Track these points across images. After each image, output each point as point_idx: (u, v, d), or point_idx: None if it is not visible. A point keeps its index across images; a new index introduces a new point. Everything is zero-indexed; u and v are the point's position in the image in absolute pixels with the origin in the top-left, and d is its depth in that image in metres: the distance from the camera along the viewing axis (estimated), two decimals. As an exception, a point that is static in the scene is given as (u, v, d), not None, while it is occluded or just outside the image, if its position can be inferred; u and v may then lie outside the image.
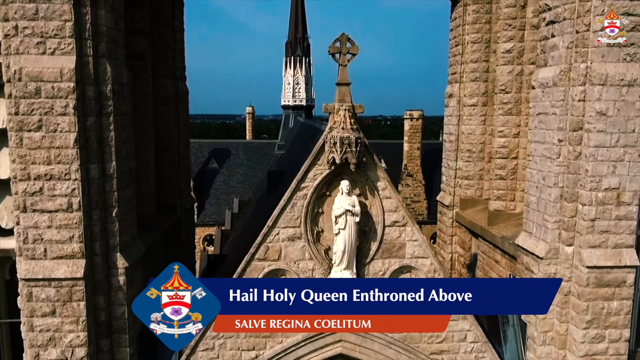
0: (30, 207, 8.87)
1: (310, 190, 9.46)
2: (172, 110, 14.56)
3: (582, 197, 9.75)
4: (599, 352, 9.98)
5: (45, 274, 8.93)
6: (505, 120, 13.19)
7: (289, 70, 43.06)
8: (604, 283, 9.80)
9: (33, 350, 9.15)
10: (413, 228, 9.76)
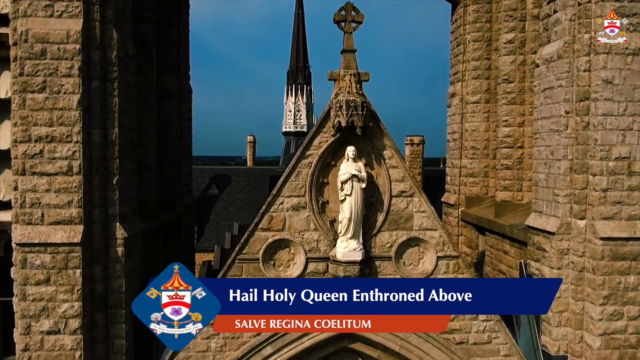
0: (29, 170, 8.67)
1: (315, 159, 9.29)
2: (175, 107, 14.58)
3: (592, 168, 9.57)
4: (618, 330, 9.51)
5: (41, 238, 8.63)
6: (510, 109, 13.18)
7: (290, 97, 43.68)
8: (620, 256, 9.46)
9: (24, 321, 8.71)
10: (421, 199, 9.52)
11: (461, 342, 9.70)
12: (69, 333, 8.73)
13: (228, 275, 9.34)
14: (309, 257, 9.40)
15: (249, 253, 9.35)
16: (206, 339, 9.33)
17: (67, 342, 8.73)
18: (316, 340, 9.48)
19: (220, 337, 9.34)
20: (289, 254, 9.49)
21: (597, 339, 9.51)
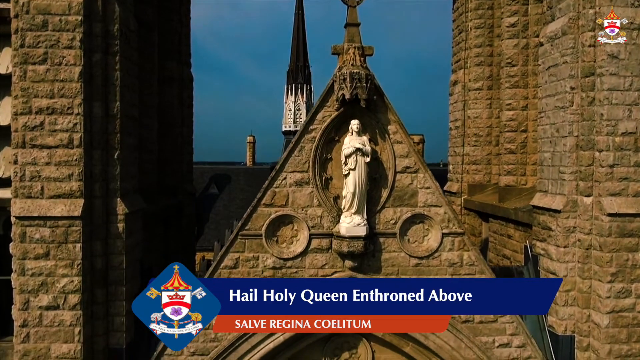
0: (29, 143, 8.56)
1: (318, 133, 9.19)
2: (177, 93, 14.53)
3: (598, 144, 9.47)
4: (626, 308, 9.37)
5: (41, 212, 8.50)
6: (513, 93, 13.11)
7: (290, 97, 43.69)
8: (627, 232, 9.34)
9: (23, 296, 8.56)
10: (425, 175, 9.41)
11: (467, 321, 9.55)
12: (69, 308, 8.58)
13: (230, 252, 9.20)
14: (313, 233, 9.27)
15: (251, 229, 9.22)
16: (208, 317, 9.16)
17: (67, 317, 8.57)
18: (320, 318, 9.31)
19: (222, 315, 9.17)
20: (292, 231, 9.36)
21: (605, 317, 9.36)
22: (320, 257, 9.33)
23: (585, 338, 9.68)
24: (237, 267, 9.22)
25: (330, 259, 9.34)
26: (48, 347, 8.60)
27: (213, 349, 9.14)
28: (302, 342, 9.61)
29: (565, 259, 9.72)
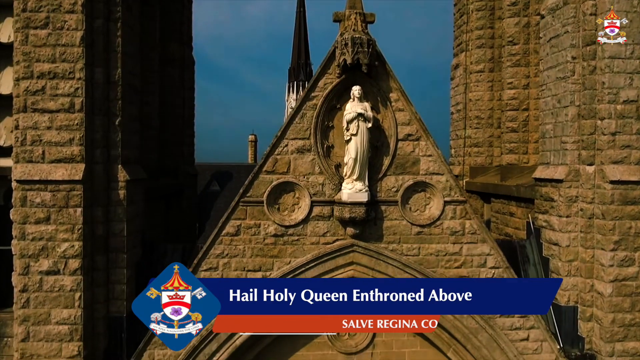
0: (30, 107, 8.56)
1: (320, 100, 9.17)
2: (178, 74, 14.52)
3: (600, 112, 9.46)
4: (629, 277, 9.32)
5: (41, 176, 8.48)
6: (514, 71, 13.12)
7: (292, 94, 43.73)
8: (630, 200, 9.31)
9: (23, 260, 8.52)
10: (427, 142, 9.38)
11: (469, 290, 9.48)
12: (69, 273, 8.53)
13: (232, 219, 9.17)
14: (314, 200, 9.24)
15: (253, 196, 9.19)
16: (209, 284, 9.11)
17: (67, 282, 8.53)
18: (321, 287, 9.26)
19: (223, 282, 9.13)
20: (294, 198, 9.32)
21: (608, 286, 9.31)
22: (322, 224, 9.28)
23: (588, 308, 9.62)
24: (238, 234, 9.18)
25: (332, 226, 9.29)
26: (48, 312, 8.55)
27: (214, 316, 9.07)
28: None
29: (568, 229, 9.68)
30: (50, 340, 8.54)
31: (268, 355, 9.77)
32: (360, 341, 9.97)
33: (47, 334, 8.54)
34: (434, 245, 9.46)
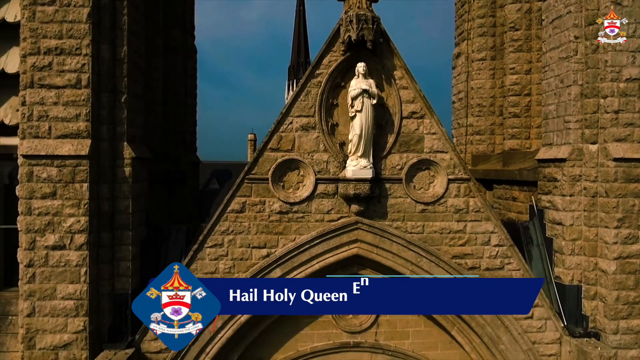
0: (37, 83, 8.60)
1: (324, 78, 9.22)
2: (181, 62, 14.55)
3: (603, 90, 9.51)
4: (633, 254, 9.34)
5: (48, 151, 8.50)
6: (516, 57, 13.19)
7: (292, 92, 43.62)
8: (633, 177, 9.35)
9: (29, 235, 8.53)
10: (432, 120, 9.43)
11: (473, 267, 9.52)
12: (75, 249, 8.55)
13: (237, 196, 9.21)
14: (319, 178, 9.27)
15: (258, 173, 9.22)
16: (214, 260, 9.15)
17: (73, 258, 8.55)
18: (326, 264, 9.30)
19: (229, 259, 9.17)
20: (298, 176, 9.36)
21: (612, 263, 9.33)
22: (327, 202, 9.32)
23: (592, 287, 9.64)
24: (243, 211, 9.22)
25: (336, 204, 9.32)
26: (54, 287, 8.56)
27: (219, 293, 9.08)
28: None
29: (572, 208, 9.71)
30: (55, 315, 8.55)
31: (272, 334, 9.79)
32: (364, 320, 9.99)
33: (52, 309, 8.54)
34: (438, 223, 9.49)
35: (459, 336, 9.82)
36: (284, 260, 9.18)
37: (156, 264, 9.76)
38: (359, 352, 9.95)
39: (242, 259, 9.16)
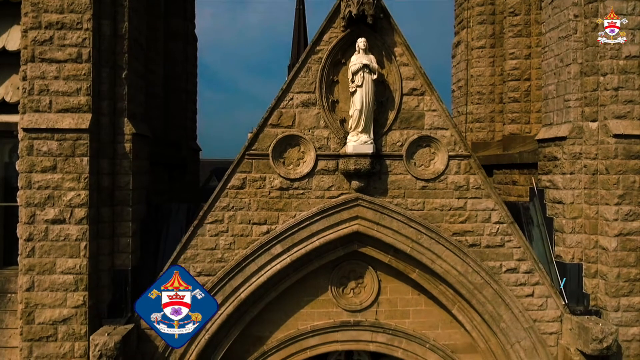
0: (38, 57, 8.60)
1: (325, 54, 9.23)
2: (181, 48, 14.60)
3: (602, 68, 9.53)
4: (634, 231, 9.33)
5: (48, 124, 8.50)
6: (516, 42, 13.23)
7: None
8: (633, 154, 9.36)
9: (29, 209, 8.52)
10: (432, 97, 9.44)
11: (474, 245, 9.50)
12: (75, 222, 8.53)
13: (237, 172, 9.20)
14: (319, 154, 9.26)
15: (258, 149, 9.22)
16: (214, 236, 9.13)
17: (73, 231, 8.52)
18: (326, 240, 9.28)
19: (229, 235, 9.14)
20: (299, 153, 9.35)
21: (613, 240, 9.32)
22: (327, 178, 9.31)
23: (593, 264, 9.62)
24: (244, 187, 9.20)
25: (336, 180, 9.32)
26: (53, 261, 8.53)
27: (219, 269, 9.08)
28: (308, 266, 9.55)
29: (572, 186, 9.71)
30: (55, 289, 8.52)
31: (272, 312, 9.76)
32: (365, 299, 9.96)
33: (52, 284, 8.51)
34: (438, 200, 9.48)
35: (460, 315, 9.79)
36: (284, 237, 9.16)
37: (157, 242, 9.75)
38: (360, 331, 9.92)
39: (243, 235, 9.14)
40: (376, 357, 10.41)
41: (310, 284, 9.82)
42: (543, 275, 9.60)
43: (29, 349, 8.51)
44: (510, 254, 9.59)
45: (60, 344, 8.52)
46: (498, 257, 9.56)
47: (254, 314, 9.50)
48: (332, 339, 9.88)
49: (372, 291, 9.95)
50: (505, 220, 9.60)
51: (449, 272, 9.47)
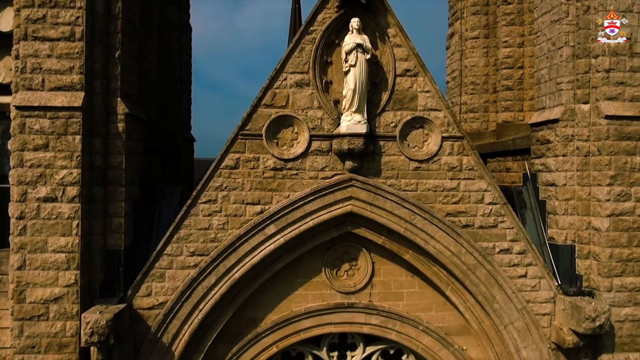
0: (31, 35, 8.58)
1: (319, 35, 9.25)
2: (176, 37, 14.59)
3: (594, 50, 9.61)
4: (625, 212, 9.38)
5: (41, 102, 8.47)
6: (509, 30, 13.31)
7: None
8: (625, 135, 9.42)
9: (21, 187, 8.47)
10: (425, 78, 9.47)
11: (467, 225, 9.51)
12: (67, 201, 8.49)
13: (231, 152, 9.17)
14: (313, 134, 9.27)
15: (252, 129, 9.20)
16: (208, 216, 9.10)
17: (65, 210, 8.48)
18: (320, 221, 9.27)
19: (223, 215, 9.11)
20: (293, 133, 9.35)
21: (605, 221, 9.37)
22: (321, 159, 9.31)
23: (585, 246, 9.66)
24: (237, 167, 9.18)
25: (330, 161, 9.32)
26: (45, 240, 8.48)
27: (213, 249, 9.04)
28: (302, 247, 9.53)
29: (565, 168, 9.76)
30: (46, 268, 8.46)
31: (266, 294, 9.73)
32: (359, 281, 9.95)
33: (43, 262, 8.46)
34: (431, 181, 9.50)
35: (453, 296, 9.79)
36: (278, 217, 9.14)
37: (150, 224, 9.71)
38: (353, 313, 9.89)
39: (236, 215, 9.12)
40: (369, 341, 10.38)
41: (304, 266, 9.80)
42: (536, 256, 9.62)
43: (19, 328, 8.45)
44: (504, 235, 9.61)
45: (51, 323, 8.46)
46: (491, 238, 9.57)
47: (248, 295, 9.46)
48: (326, 321, 9.85)
49: (365, 273, 9.93)
50: (498, 201, 9.62)
51: (442, 252, 9.47)
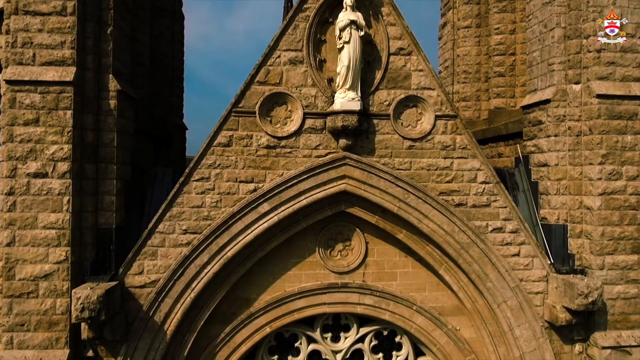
0: (22, 9, 8.49)
1: (313, 12, 9.23)
2: (168, 24, 14.52)
3: (585, 30, 9.69)
4: (617, 190, 9.45)
5: (32, 76, 8.38)
6: (501, 17, 13.39)
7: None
8: (616, 114, 9.50)
9: (10, 163, 8.35)
10: (419, 57, 9.49)
11: (460, 204, 9.53)
12: (57, 177, 8.39)
13: (224, 129, 9.12)
14: (307, 112, 9.24)
15: (245, 106, 9.16)
16: (201, 194, 9.03)
17: (55, 186, 8.38)
18: (314, 199, 9.23)
19: (216, 193, 9.05)
20: (286, 111, 9.32)
21: (597, 199, 9.43)
22: (314, 137, 9.28)
23: (577, 225, 9.72)
24: (230, 144, 9.13)
25: (324, 139, 9.30)
26: (35, 216, 8.37)
27: (206, 227, 8.97)
28: (296, 226, 9.49)
29: (556, 148, 9.82)
30: (36, 245, 8.35)
31: (259, 274, 9.67)
32: (352, 261, 9.92)
33: (33, 239, 8.34)
34: (425, 160, 9.51)
35: (447, 275, 9.79)
36: (271, 195, 9.09)
37: (142, 204, 9.62)
38: (347, 293, 9.85)
39: (229, 193, 9.06)
40: (363, 322, 10.35)
41: (298, 246, 9.75)
42: (529, 234, 9.65)
43: (9, 305, 8.32)
44: (497, 214, 9.64)
45: (41, 300, 8.34)
46: (484, 217, 9.59)
47: (241, 275, 9.39)
48: (320, 301, 9.80)
49: (359, 253, 9.91)
50: (491, 180, 9.65)
51: (435, 231, 9.48)
